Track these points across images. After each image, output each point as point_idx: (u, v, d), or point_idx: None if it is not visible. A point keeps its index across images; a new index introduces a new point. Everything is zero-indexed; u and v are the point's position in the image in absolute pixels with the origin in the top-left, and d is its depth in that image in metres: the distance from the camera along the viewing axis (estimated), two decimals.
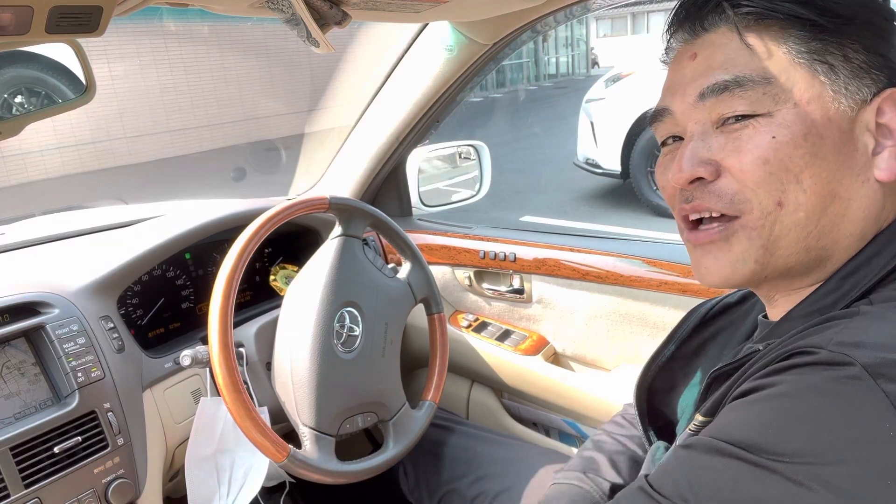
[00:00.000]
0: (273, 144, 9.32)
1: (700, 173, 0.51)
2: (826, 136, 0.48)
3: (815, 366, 0.42)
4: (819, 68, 0.49)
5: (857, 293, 0.49)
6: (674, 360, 0.73)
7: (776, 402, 0.43)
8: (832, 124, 0.49)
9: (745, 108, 0.50)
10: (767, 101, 0.49)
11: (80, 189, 7.77)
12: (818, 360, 0.42)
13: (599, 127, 4.91)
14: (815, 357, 0.43)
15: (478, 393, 1.47)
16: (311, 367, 0.94)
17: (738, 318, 0.70)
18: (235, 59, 9.91)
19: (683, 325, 0.74)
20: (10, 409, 0.87)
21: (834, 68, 0.49)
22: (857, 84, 0.49)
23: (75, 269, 1.04)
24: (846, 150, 0.49)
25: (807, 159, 0.48)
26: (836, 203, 0.49)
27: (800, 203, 0.49)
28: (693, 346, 0.73)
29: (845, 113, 0.49)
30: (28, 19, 0.48)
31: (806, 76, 0.49)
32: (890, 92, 0.49)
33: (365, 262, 1.06)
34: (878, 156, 0.49)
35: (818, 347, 0.43)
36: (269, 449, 0.87)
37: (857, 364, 0.40)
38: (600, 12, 22.91)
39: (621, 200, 5.35)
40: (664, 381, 0.74)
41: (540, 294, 1.39)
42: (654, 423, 0.76)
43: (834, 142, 0.49)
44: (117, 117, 8.62)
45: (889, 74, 0.50)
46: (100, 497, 0.90)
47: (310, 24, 0.65)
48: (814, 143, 0.48)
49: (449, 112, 1.46)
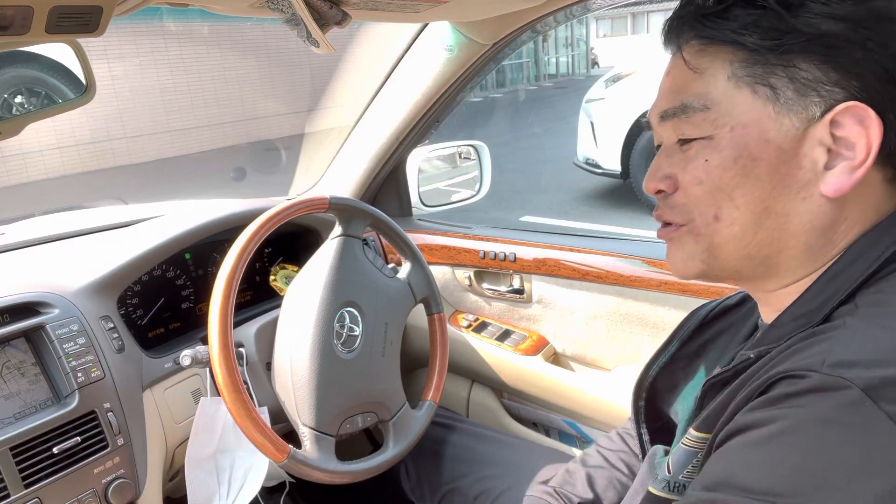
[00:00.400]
0: (273, 144, 9.32)
1: (660, 187, 0.57)
2: (760, 157, 0.51)
3: (812, 393, 0.42)
4: (760, 91, 0.51)
5: (842, 295, 0.49)
6: (675, 361, 0.74)
7: (780, 440, 0.42)
8: (769, 145, 0.51)
9: (691, 131, 0.54)
10: (707, 125, 0.53)
11: (80, 189, 7.77)
12: (814, 387, 0.42)
13: (599, 127, 4.91)
14: (810, 383, 0.42)
15: (478, 393, 1.48)
16: (311, 367, 0.94)
17: (737, 321, 0.70)
18: (235, 59, 9.91)
19: (684, 327, 0.74)
20: (10, 409, 0.87)
21: (776, 90, 0.50)
22: (805, 102, 0.49)
23: (75, 269, 1.04)
24: (785, 168, 0.51)
25: (737, 180, 0.52)
26: (771, 218, 0.52)
27: (734, 218, 0.53)
28: (694, 347, 0.73)
29: (788, 132, 0.50)
30: (28, 19, 0.48)
31: (746, 100, 0.51)
32: (846, 106, 0.48)
33: (365, 262, 1.06)
34: (829, 171, 0.50)
35: (810, 370, 0.43)
36: (269, 449, 0.87)
37: (854, 387, 0.40)
38: (600, 12, 22.92)
39: (621, 200, 5.35)
40: (665, 381, 0.74)
41: (540, 294, 1.39)
42: (654, 423, 0.76)
43: (769, 162, 0.51)
44: (117, 117, 8.62)
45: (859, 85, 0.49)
46: (100, 497, 0.90)
47: (310, 24, 0.65)
48: (744, 165, 0.51)
49: (449, 112, 1.46)
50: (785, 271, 0.54)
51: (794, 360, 0.45)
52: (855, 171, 0.49)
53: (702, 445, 0.54)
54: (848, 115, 0.49)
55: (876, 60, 0.48)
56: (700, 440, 0.54)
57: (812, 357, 0.44)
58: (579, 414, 1.29)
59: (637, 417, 0.76)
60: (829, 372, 0.42)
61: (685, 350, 0.73)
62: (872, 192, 0.51)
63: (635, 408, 0.76)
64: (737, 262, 0.55)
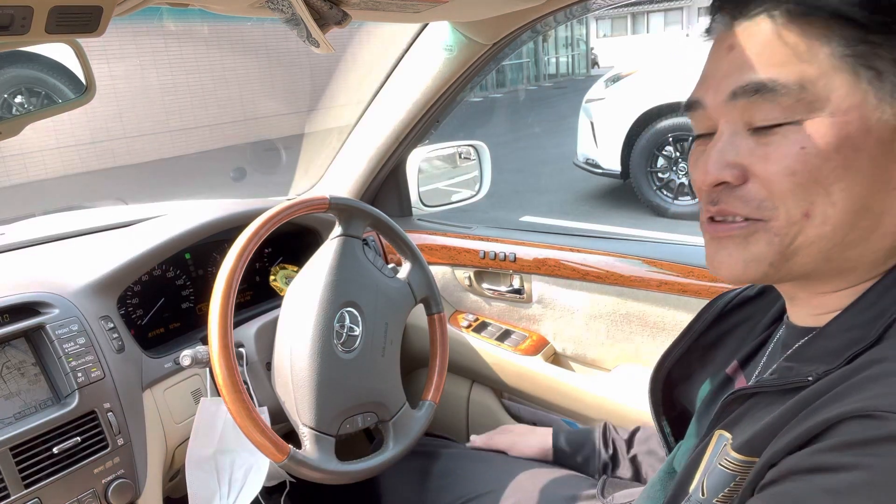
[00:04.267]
0: (273, 144, 9.32)
1: (726, 177, 0.50)
2: (862, 147, 0.46)
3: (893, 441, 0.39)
4: (863, 74, 0.45)
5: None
6: (691, 352, 0.72)
7: (859, 491, 0.39)
8: (871, 135, 0.46)
9: (776, 114, 0.47)
10: (801, 108, 0.46)
11: (80, 189, 7.77)
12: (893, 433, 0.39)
13: (599, 127, 4.90)
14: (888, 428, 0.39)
15: (478, 393, 1.48)
16: (311, 367, 0.94)
17: (757, 312, 0.68)
18: (235, 59, 9.91)
19: (701, 318, 0.72)
20: (10, 409, 0.87)
21: (881, 74, 0.45)
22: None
23: (75, 269, 1.04)
24: (884, 161, 0.46)
25: (838, 172, 0.46)
26: (867, 217, 0.47)
27: (828, 216, 0.47)
28: (711, 338, 0.71)
29: (889, 122, 0.46)
30: (28, 19, 0.48)
31: (847, 82, 0.45)
32: None
33: (365, 263, 1.06)
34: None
35: (886, 411, 0.39)
36: (269, 449, 0.87)
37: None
38: (600, 12, 22.90)
39: (621, 200, 5.35)
40: (681, 371, 0.72)
41: (540, 294, 1.39)
42: (669, 413, 0.75)
43: (871, 154, 0.46)
44: (117, 117, 8.62)
45: None
46: (100, 497, 0.90)
47: (310, 24, 0.65)
48: (847, 155, 0.46)
49: (449, 112, 1.46)
50: (855, 276, 0.50)
51: (865, 397, 0.41)
52: None
53: (744, 469, 0.49)
54: None
55: None
56: (743, 463, 0.49)
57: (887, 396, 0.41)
58: (579, 414, 1.29)
59: (656, 410, 0.75)
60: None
61: (702, 340, 0.71)
62: None
63: (653, 400, 0.75)
64: (812, 265, 0.49)
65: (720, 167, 0.49)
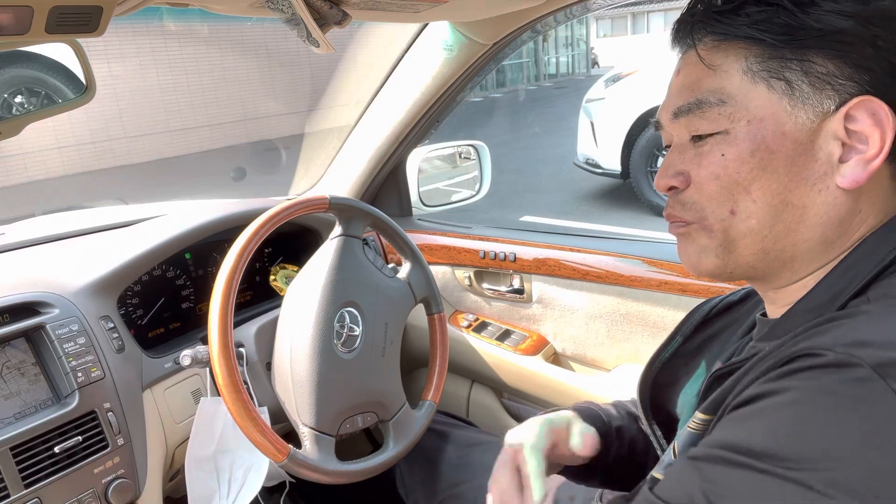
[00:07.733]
0: (273, 144, 9.32)
1: (672, 183, 0.58)
2: (777, 150, 0.52)
3: (823, 368, 0.43)
4: (776, 85, 0.51)
5: (856, 287, 0.50)
6: (677, 357, 0.74)
7: (786, 408, 0.43)
8: (786, 138, 0.51)
9: (706, 127, 0.55)
10: (723, 120, 0.53)
11: (80, 189, 7.77)
12: (825, 363, 0.43)
13: (599, 127, 4.90)
14: (822, 360, 0.43)
15: (478, 393, 1.48)
16: (311, 367, 0.94)
17: (740, 317, 0.71)
18: (235, 59, 9.91)
19: (687, 322, 0.75)
20: (10, 409, 0.87)
21: (791, 84, 0.51)
22: (819, 96, 0.51)
23: (75, 269, 1.04)
24: (801, 161, 0.51)
25: (755, 173, 0.52)
26: (788, 211, 0.52)
27: (751, 211, 0.53)
28: (696, 342, 0.73)
29: (804, 125, 0.51)
30: (28, 19, 0.48)
31: (762, 93, 0.52)
32: (860, 100, 0.50)
33: (365, 262, 1.06)
34: (844, 164, 0.51)
35: (824, 349, 0.44)
36: (269, 449, 0.87)
37: (864, 365, 0.41)
38: (600, 12, 22.92)
39: (621, 200, 5.35)
40: (667, 376, 0.74)
41: (540, 294, 1.39)
42: (656, 418, 0.76)
43: (786, 155, 0.52)
44: (117, 117, 8.62)
45: (869, 80, 0.50)
46: (100, 497, 0.90)
47: (310, 24, 0.65)
48: (762, 158, 0.52)
49: (449, 112, 1.46)
50: (799, 265, 0.55)
51: (812, 340, 0.46)
52: (870, 163, 0.50)
53: (707, 426, 0.54)
54: (861, 109, 0.50)
55: (884, 57, 0.49)
56: (705, 422, 0.54)
57: (829, 338, 0.45)
58: None
59: (646, 414, 0.76)
60: (841, 351, 0.43)
61: (688, 346, 0.74)
62: (881, 187, 0.52)
63: (642, 405, 0.76)
64: (752, 257, 0.55)
65: (668, 174, 0.58)
